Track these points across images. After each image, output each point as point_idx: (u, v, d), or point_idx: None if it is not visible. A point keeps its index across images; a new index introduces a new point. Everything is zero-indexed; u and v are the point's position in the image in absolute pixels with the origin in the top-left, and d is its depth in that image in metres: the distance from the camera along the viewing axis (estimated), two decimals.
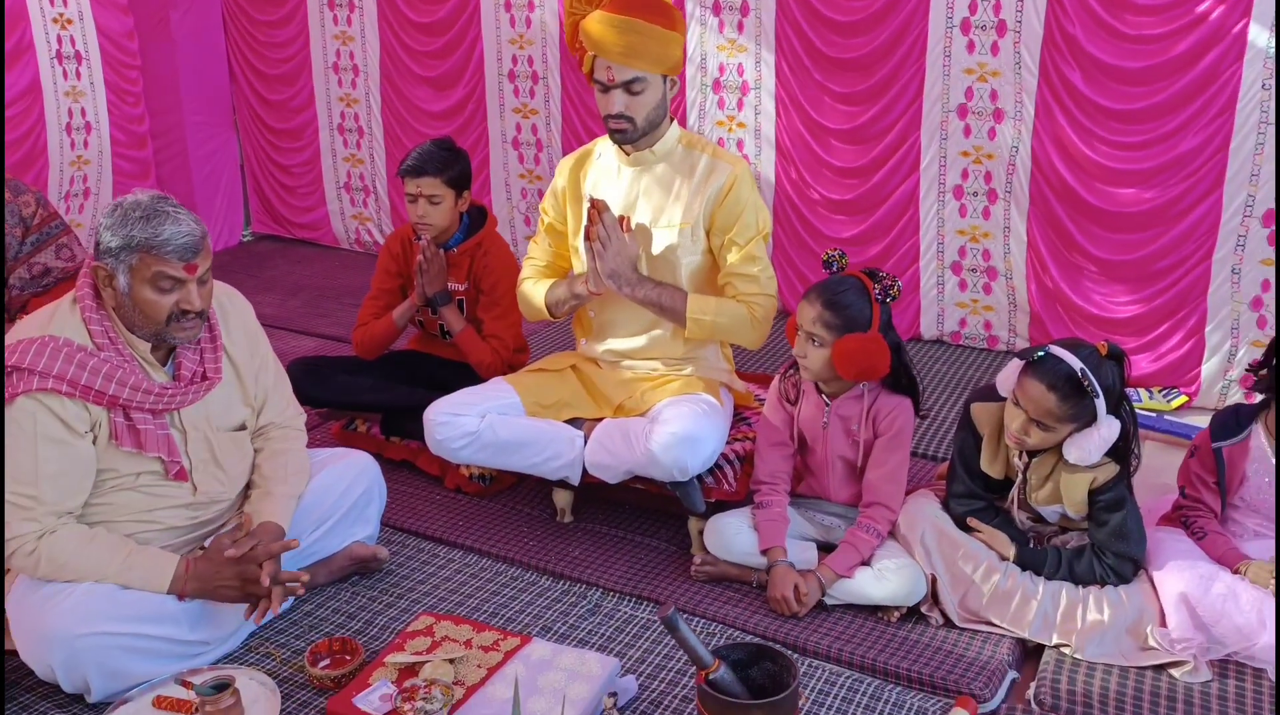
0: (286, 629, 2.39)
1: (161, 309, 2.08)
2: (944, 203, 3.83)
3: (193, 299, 2.09)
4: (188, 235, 2.06)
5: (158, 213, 2.05)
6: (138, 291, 2.06)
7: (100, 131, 4.78)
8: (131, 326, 2.12)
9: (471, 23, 4.70)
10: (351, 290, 4.91)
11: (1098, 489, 2.30)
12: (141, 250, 2.03)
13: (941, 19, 3.61)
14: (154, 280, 2.05)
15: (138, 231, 2.03)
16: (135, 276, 2.05)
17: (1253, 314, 3.37)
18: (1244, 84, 3.20)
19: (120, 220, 2.05)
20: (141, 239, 2.03)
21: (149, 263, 2.04)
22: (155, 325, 2.10)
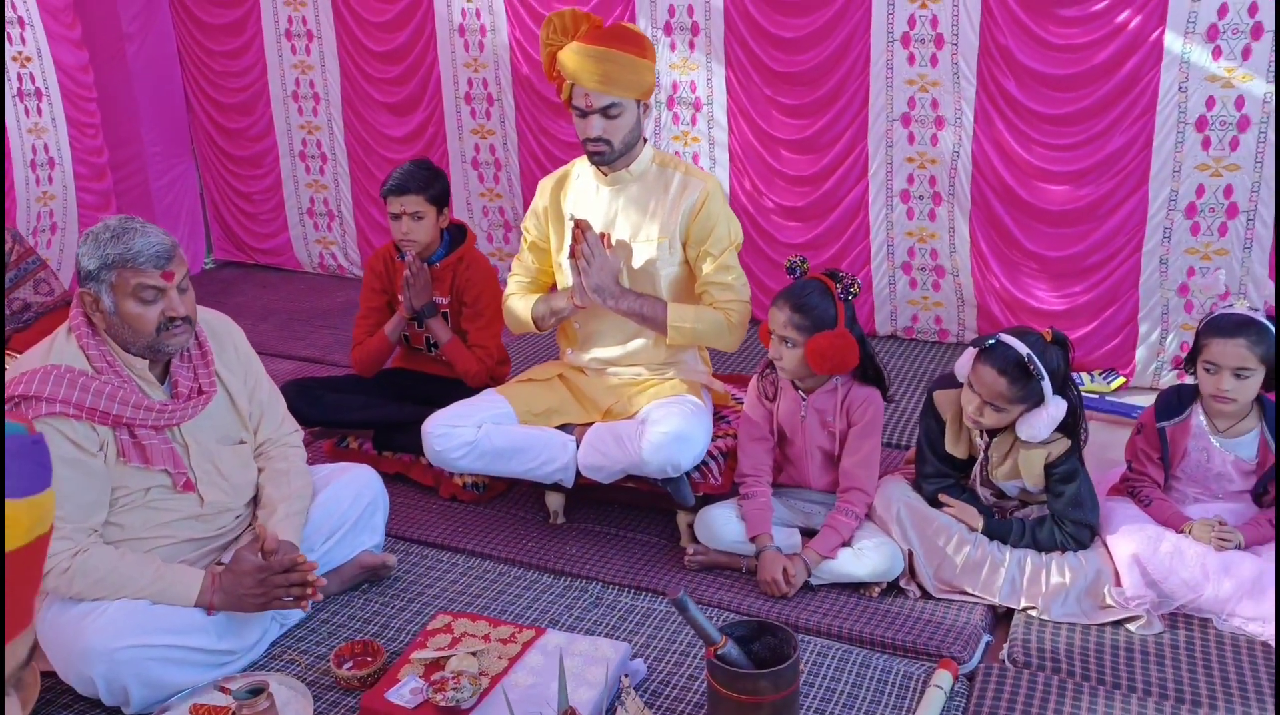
0: (306, 636, 2.51)
1: (148, 320, 2.20)
2: (892, 207, 4.06)
3: (175, 306, 2.21)
4: (158, 244, 2.19)
5: (126, 230, 2.19)
6: (123, 307, 2.18)
7: (63, 166, 4.82)
8: (125, 345, 2.24)
9: (428, 49, 4.83)
10: (321, 313, 5.01)
11: (1052, 462, 2.52)
12: (118, 267, 2.16)
13: (883, 33, 3.85)
14: (136, 293, 2.17)
15: (110, 250, 2.16)
16: (118, 293, 2.18)
17: (1180, 300, 3.65)
18: (1162, 87, 3.47)
19: (93, 245, 2.19)
20: (115, 256, 2.16)
21: (127, 277, 2.16)
22: (147, 337, 2.22)
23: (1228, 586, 2.39)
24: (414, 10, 4.79)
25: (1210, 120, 3.43)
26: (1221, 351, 2.45)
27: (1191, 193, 3.51)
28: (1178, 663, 2.31)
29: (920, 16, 3.77)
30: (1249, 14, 3.30)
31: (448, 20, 4.73)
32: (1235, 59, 3.35)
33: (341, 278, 5.54)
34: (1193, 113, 3.45)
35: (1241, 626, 2.38)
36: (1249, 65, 3.33)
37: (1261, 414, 2.51)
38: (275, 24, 5.15)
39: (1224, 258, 3.51)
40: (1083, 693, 2.21)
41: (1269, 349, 2.42)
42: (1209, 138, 3.45)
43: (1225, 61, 3.36)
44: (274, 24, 5.15)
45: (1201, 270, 3.56)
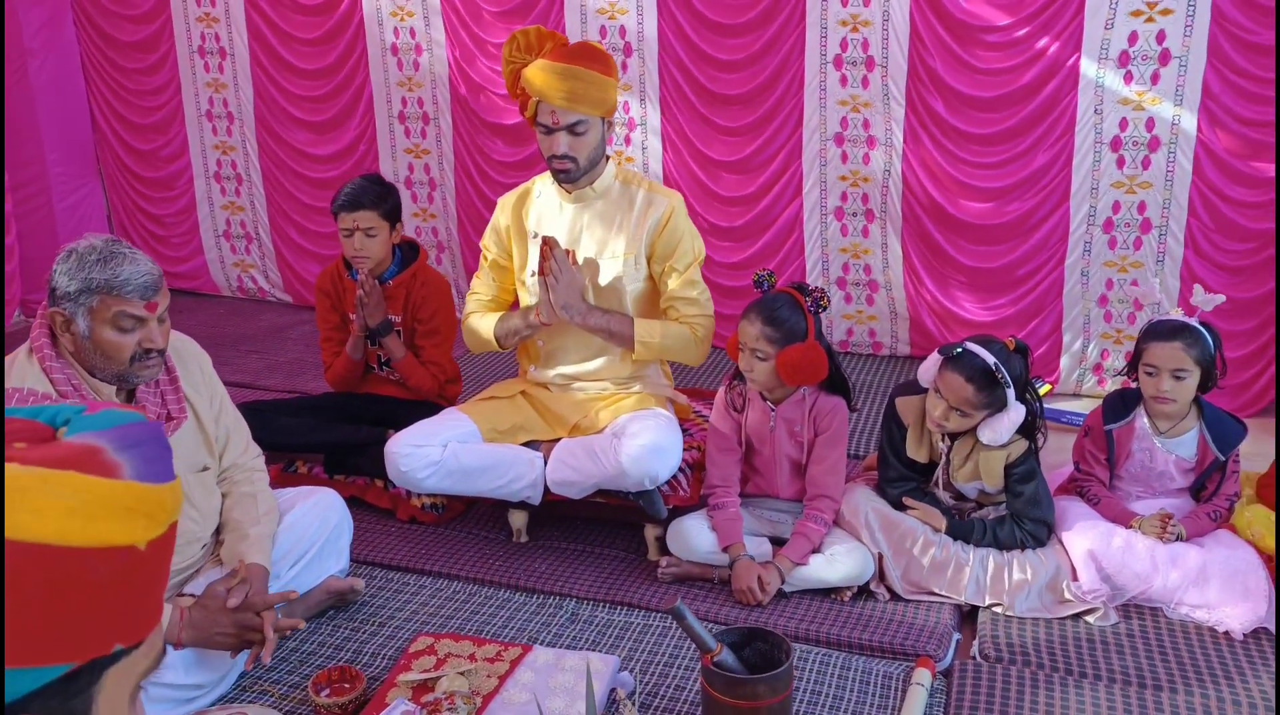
0: (277, 666, 2.44)
1: (124, 349, 2.12)
2: (826, 224, 4.18)
3: (155, 337, 2.14)
4: (146, 274, 2.11)
5: (114, 254, 2.10)
6: (99, 333, 2.10)
7: None
8: (92, 370, 2.15)
9: (359, 67, 4.76)
10: (245, 337, 4.86)
11: (1012, 463, 2.64)
12: (102, 292, 2.08)
13: (816, 56, 3.97)
14: (115, 320, 2.09)
15: (96, 273, 2.07)
16: (96, 318, 2.09)
17: (1100, 310, 3.86)
18: (1079, 109, 3.68)
19: (76, 265, 2.09)
20: (101, 281, 2.07)
21: (110, 304, 2.08)
22: (119, 366, 2.14)
23: (1175, 577, 2.53)
24: (344, 28, 4.71)
25: (1124, 141, 3.65)
26: (1160, 355, 2.61)
27: (1109, 209, 3.73)
28: (1135, 650, 2.44)
29: (852, 40, 3.90)
30: (1157, 41, 3.53)
31: (379, 39, 4.68)
32: (1145, 83, 3.58)
33: (263, 301, 5.39)
34: (1108, 133, 3.67)
35: (1189, 614, 2.52)
36: (1158, 89, 3.57)
37: (1200, 415, 2.68)
38: (188, 41, 5.00)
39: (1139, 270, 3.73)
40: (1053, 683, 2.31)
41: (1203, 352, 2.59)
42: (1123, 157, 3.67)
43: (1136, 85, 3.59)
44: (186, 41, 5.00)
45: (1119, 282, 3.78)
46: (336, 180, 4.90)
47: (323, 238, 5.08)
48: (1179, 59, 3.51)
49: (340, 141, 4.91)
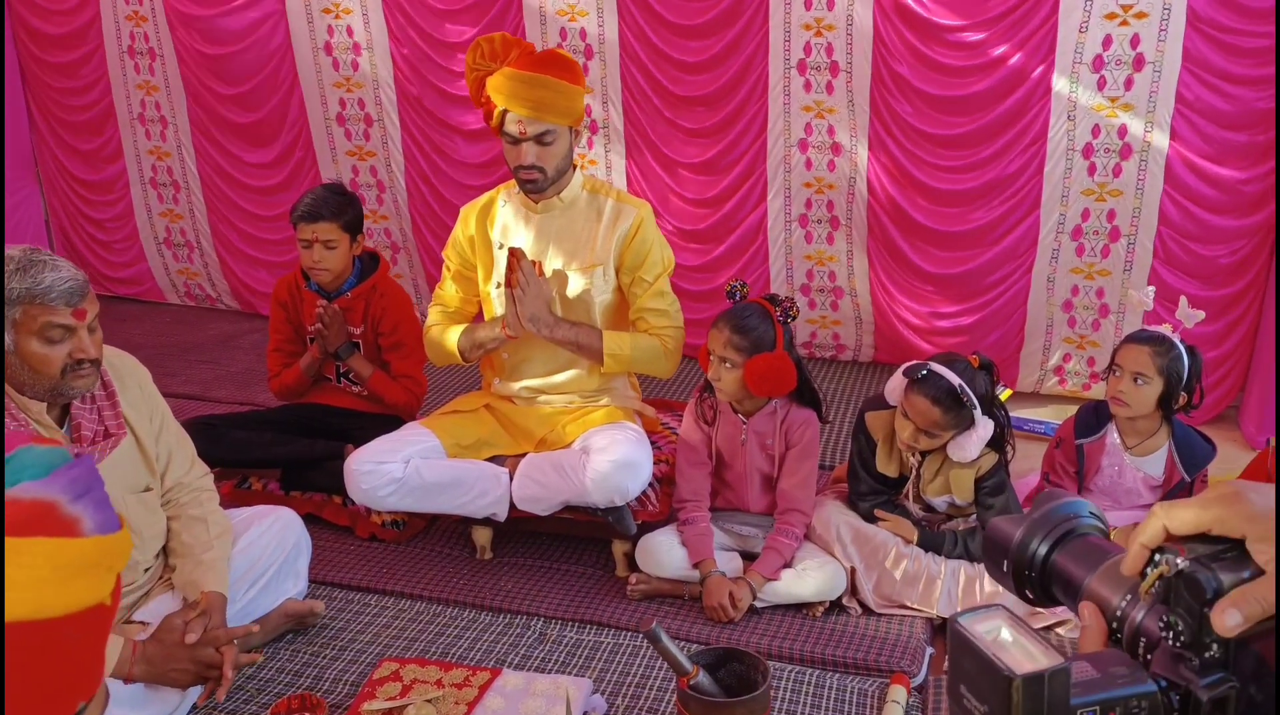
0: (234, 694, 2.34)
1: (54, 362, 2.01)
2: (790, 231, 4.15)
3: (86, 347, 2.03)
4: (70, 280, 2.01)
5: (34, 262, 2.00)
6: (25, 347, 1.99)
7: None
8: (21, 387, 2.04)
9: (281, 67, 4.58)
10: (194, 346, 4.72)
11: (982, 477, 2.62)
12: (24, 302, 1.97)
13: (780, 60, 3.93)
14: (42, 332, 1.98)
15: (16, 283, 1.97)
16: (20, 331, 1.98)
17: (1064, 316, 3.87)
18: (1052, 115, 3.63)
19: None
20: (22, 290, 1.97)
21: (35, 314, 1.97)
22: (49, 380, 2.03)
23: None
24: (260, 25, 4.54)
25: (1095, 148, 3.64)
26: (1127, 355, 2.62)
27: (1078, 217, 3.72)
28: None
29: (816, 44, 3.87)
30: (1131, 46, 3.50)
31: (308, 38, 4.52)
32: (1119, 89, 3.55)
33: (212, 308, 5.24)
34: (1080, 140, 3.65)
35: None
36: (1131, 95, 3.54)
37: (1171, 435, 2.68)
38: (117, 39, 4.81)
39: (1106, 278, 3.74)
40: None
41: (1171, 364, 2.59)
42: (1095, 164, 3.66)
43: (1109, 91, 3.57)
44: (115, 39, 4.81)
45: (1085, 289, 3.79)
46: (279, 188, 4.77)
47: (268, 244, 4.93)
48: (1153, 64, 3.48)
49: (276, 147, 4.75)
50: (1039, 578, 0.83)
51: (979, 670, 0.72)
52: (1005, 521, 0.88)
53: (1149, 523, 0.73)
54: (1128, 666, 0.73)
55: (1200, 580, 0.68)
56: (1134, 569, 0.73)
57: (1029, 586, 0.85)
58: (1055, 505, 0.86)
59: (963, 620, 0.75)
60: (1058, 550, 0.82)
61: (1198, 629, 0.68)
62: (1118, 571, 0.75)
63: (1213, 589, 0.68)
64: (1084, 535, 0.83)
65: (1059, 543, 0.83)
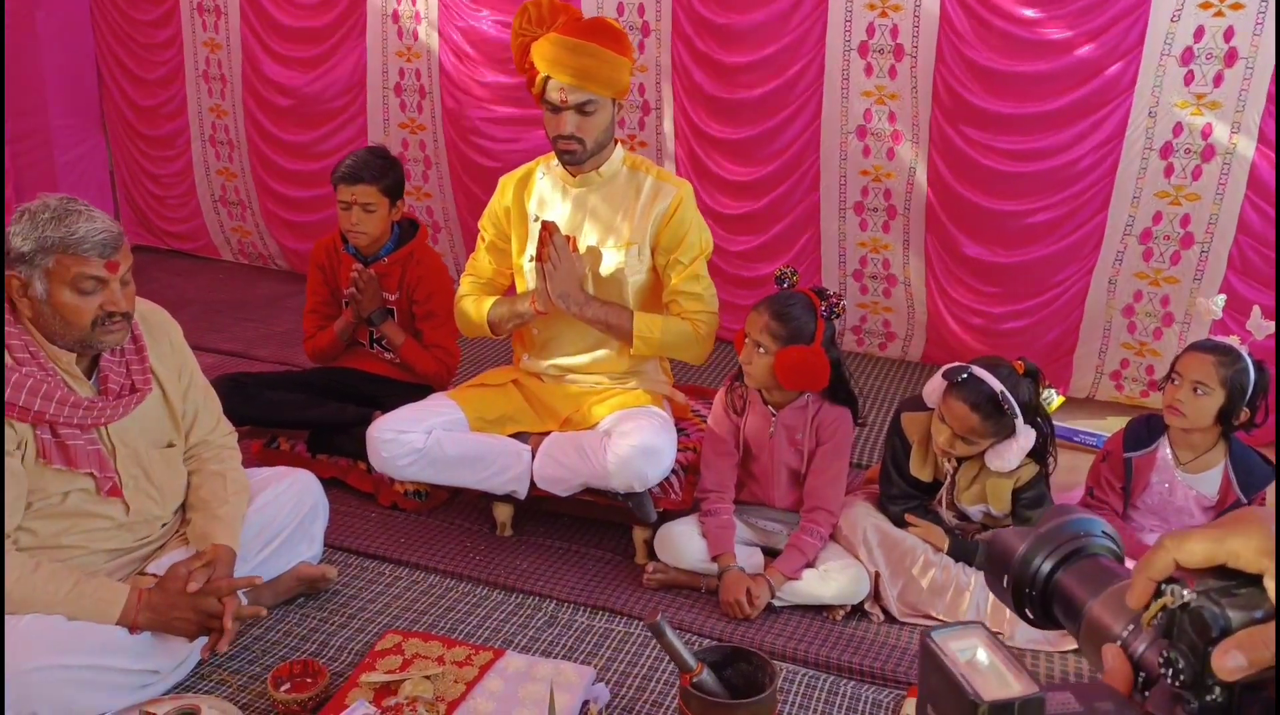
0: (238, 654, 2.33)
1: (85, 313, 2.00)
2: (845, 219, 4.02)
3: (117, 299, 2.03)
4: (104, 232, 2.00)
5: (70, 212, 1.99)
6: (57, 296, 1.98)
7: None
8: (52, 336, 2.04)
9: (354, 32, 4.57)
10: (243, 303, 4.76)
11: (1021, 488, 2.50)
12: (58, 251, 1.96)
13: (839, 42, 3.78)
14: (74, 282, 1.98)
15: (51, 232, 1.96)
16: (53, 280, 1.98)
17: (1123, 321, 3.68)
18: (1133, 109, 3.41)
19: (30, 224, 1.97)
20: (56, 239, 1.96)
21: (67, 264, 1.97)
22: (80, 331, 2.02)
23: None
24: None
25: (1175, 148, 3.42)
26: (1188, 363, 2.49)
27: (1149, 219, 3.52)
28: None
29: (880, 25, 3.72)
30: (1224, 39, 3.27)
31: (380, 6, 4.51)
32: (1207, 85, 3.33)
33: (264, 269, 5.27)
34: (1159, 138, 3.43)
35: None
36: (1219, 93, 3.31)
37: (1228, 452, 2.53)
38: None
39: (1174, 286, 3.55)
40: None
41: (1235, 376, 2.44)
42: (1172, 165, 3.44)
43: (1196, 88, 3.35)
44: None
45: (1149, 295, 3.60)
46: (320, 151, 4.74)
47: (302, 208, 4.92)
48: (1245, 60, 3.25)
49: (329, 110, 4.72)
50: (1040, 597, 0.77)
51: (946, 691, 0.67)
52: (1010, 534, 0.81)
53: (1156, 555, 0.66)
54: (1115, 702, 0.67)
55: (1206, 616, 0.62)
56: (1138, 603, 0.67)
57: (1028, 605, 0.78)
58: (1065, 520, 0.79)
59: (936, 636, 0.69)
60: (1063, 569, 0.76)
61: (1200, 669, 0.62)
62: (1123, 598, 0.69)
63: (1219, 627, 0.61)
64: (1093, 555, 0.76)
65: (1065, 561, 0.76)
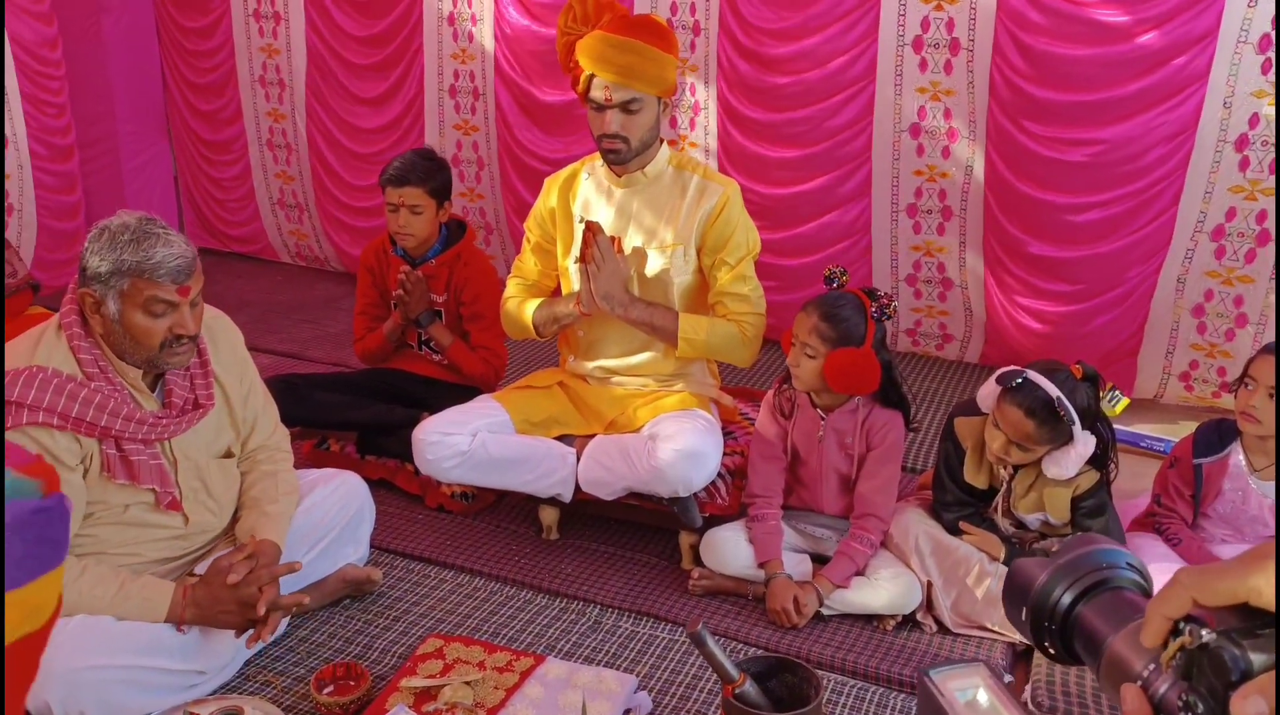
0: (283, 656, 2.34)
1: (155, 335, 2.04)
2: (897, 221, 3.93)
3: (186, 323, 2.06)
4: (180, 257, 2.03)
5: (148, 234, 2.01)
6: (129, 317, 2.02)
7: (18, 145, 4.58)
8: (121, 353, 2.08)
9: (414, 36, 4.61)
10: (299, 305, 4.81)
11: (1080, 496, 2.41)
12: (133, 274, 1.99)
13: (892, 37, 3.69)
14: (146, 305, 2.01)
15: (128, 255, 1.99)
16: (126, 301, 2.01)
17: (1192, 321, 3.54)
18: (1207, 99, 3.26)
19: (108, 244, 2.00)
20: (133, 263, 1.99)
21: (141, 287, 2.00)
22: (148, 351, 2.06)
23: None
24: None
25: (1251, 140, 3.25)
26: (1262, 367, 2.38)
27: (1221, 215, 3.36)
28: None
29: (935, 19, 3.63)
30: None
31: (436, 7, 4.53)
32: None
33: (321, 270, 5.33)
34: (1234, 130, 3.27)
35: None
36: None
37: None
38: (244, 3, 4.92)
39: (1248, 285, 3.39)
40: None
41: None
42: (1248, 158, 3.28)
43: (1275, 75, 3.18)
44: (242, 3, 4.92)
45: (1221, 294, 3.45)
46: (379, 155, 4.78)
47: (359, 212, 4.97)
48: None
49: (387, 115, 4.77)
50: (1059, 630, 0.74)
51: None
52: (1031, 563, 0.77)
53: (1173, 591, 0.62)
54: None
55: (1225, 659, 0.58)
56: (1152, 642, 0.63)
57: (1048, 638, 0.75)
58: (1089, 550, 0.75)
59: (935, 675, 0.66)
60: (1084, 602, 0.73)
61: (1220, 713, 0.58)
62: None
63: (1239, 670, 0.58)
64: (1117, 588, 0.73)
65: (1087, 593, 0.73)
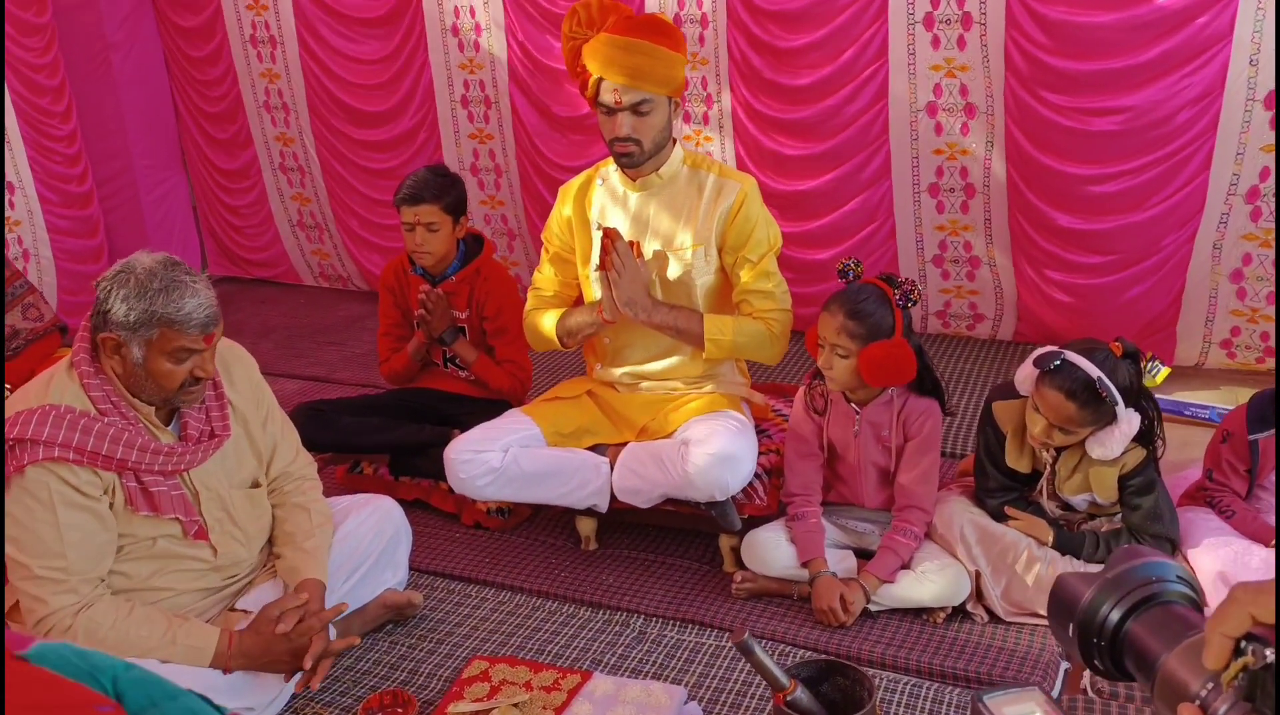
0: (329, 686, 2.33)
1: (176, 378, 2.04)
2: (919, 202, 3.86)
3: (207, 366, 2.07)
4: (208, 308, 2.03)
5: (176, 284, 2.01)
6: (154, 363, 2.02)
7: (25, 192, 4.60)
8: (137, 392, 2.08)
9: (418, 50, 4.59)
10: (324, 328, 4.81)
11: (1127, 474, 2.35)
12: (162, 325, 1.99)
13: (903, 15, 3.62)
14: (173, 354, 2.01)
15: (159, 307, 1.98)
16: (152, 349, 2.01)
17: (1231, 287, 3.45)
18: (1233, 57, 3.17)
19: (136, 293, 1.99)
20: (163, 314, 1.98)
21: (170, 337, 2.00)
22: (167, 393, 2.06)
23: None
24: (403, 11, 4.53)
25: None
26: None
27: (1255, 176, 3.27)
28: None
29: None
30: None
31: (438, 20, 4.50)
32: None
33: (344, 291, 5.33)
34: (1262, 88, 3.17)
35: None
36: None
37: None
38: (239, 29, 4.90)
39: None
40: None
41: None
42: (1277, 116, 3.18)
43: None
44: (238, 29, 4.90)
45: (1259, 258, 3.36)
46: (396, 170, 4.77)
47: (383, 229, 4.95)
48: None
49: (398, 129, 4.74)
50: (1109, 647, 0.73)
51: None
52: (1075, 578, 0.77)
53: (1230, 610, 0.61)
54: None
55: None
56: (1217, 664, 0.62)
57: (1097, 655, 0.74)
58: (1135, 565, 0.73)
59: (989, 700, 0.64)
60: (1133, 618, 0.72)
61: None
62: (1200, 652, 0.64)
63: None
64: (1167, 603, 0.71)
65: (1135, 609, 0.72)
